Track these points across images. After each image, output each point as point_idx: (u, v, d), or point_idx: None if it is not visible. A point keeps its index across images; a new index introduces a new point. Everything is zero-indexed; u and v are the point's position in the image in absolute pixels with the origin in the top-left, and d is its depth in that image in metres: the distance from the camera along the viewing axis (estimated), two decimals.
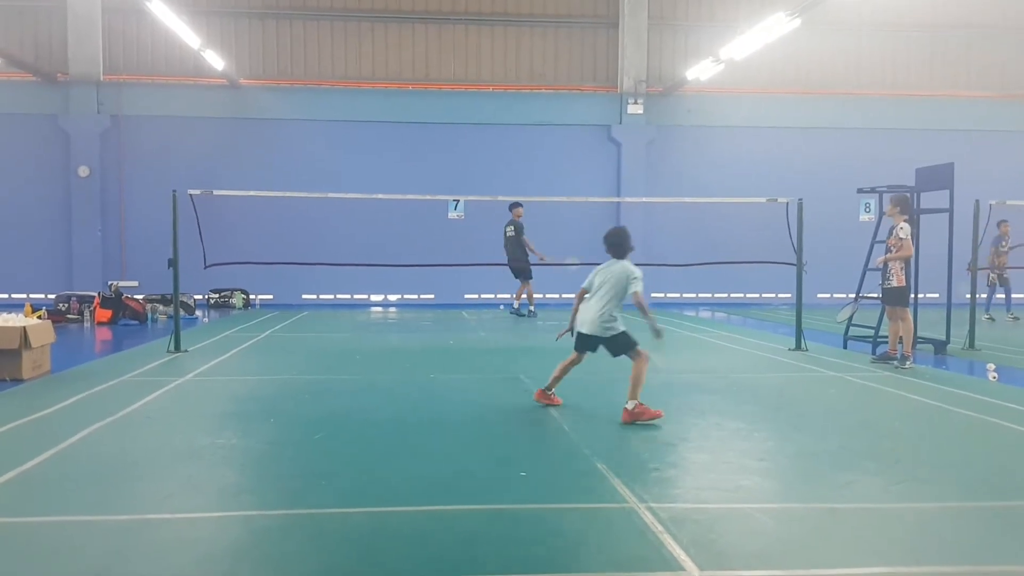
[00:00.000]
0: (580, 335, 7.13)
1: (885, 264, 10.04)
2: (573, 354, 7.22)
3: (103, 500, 4.62)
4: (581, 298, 7.20)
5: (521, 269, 16.09)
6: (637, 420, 6.59)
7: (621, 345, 6.93)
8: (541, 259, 15.82)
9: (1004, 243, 16.42)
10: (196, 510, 4.50)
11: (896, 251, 9.84)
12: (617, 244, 7.07)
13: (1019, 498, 4.83)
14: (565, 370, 7.28)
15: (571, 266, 14.40)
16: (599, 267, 7.11)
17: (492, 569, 3.67)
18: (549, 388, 7.33)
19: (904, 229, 9.81)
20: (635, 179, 20.72)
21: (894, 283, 9.93)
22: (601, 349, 7.06)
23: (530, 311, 16.23)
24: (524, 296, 16.38)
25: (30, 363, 8.66)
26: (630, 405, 6.64)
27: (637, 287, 6.84)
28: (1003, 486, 5.06)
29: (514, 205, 16.09)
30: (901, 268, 9.90)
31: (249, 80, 20.25)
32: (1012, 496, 4.86)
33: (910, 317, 10.00)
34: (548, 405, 7.27)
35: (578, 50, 21.21)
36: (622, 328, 6.92)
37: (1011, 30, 21.88)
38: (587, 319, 7.02)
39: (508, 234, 16.21)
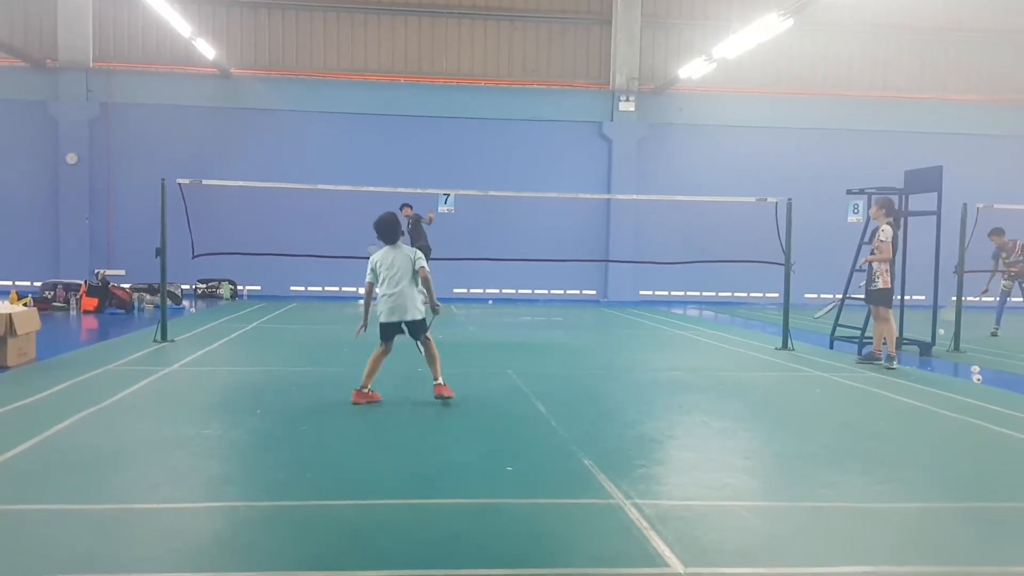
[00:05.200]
0: None
1: (870, 265, 10.13)
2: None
3: (87, 489, 4.59)
4: None
5: None
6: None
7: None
8: None
9: (1005, 255, 14.54)
10: (181, 500, 4.48)
11: (877, 252, 9.95)
12: None
13: (1001, 499, 4.87)
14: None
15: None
16: None
17: (477, 563, 3.67)
18: None
19: (885, 232, 9.90)
20: (626, 176, 20.75)
21: (879, 284, 10.01)
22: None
23: None
24: None
25: (15, 350, 8.60)
26: None
27: None
28: (985, 487, 5.11)
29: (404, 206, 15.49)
30: (886, 270, 9.98)
31: (240, 70, 20.16)
32: (994, 497, 4.89)
33: (891, 318, 10.08)
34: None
35: (571, 46, 21.20)
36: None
37: (1001, 34, 22.02)
38: None
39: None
